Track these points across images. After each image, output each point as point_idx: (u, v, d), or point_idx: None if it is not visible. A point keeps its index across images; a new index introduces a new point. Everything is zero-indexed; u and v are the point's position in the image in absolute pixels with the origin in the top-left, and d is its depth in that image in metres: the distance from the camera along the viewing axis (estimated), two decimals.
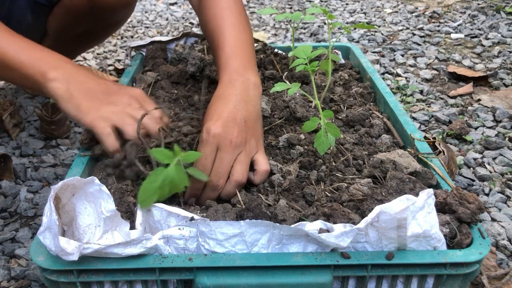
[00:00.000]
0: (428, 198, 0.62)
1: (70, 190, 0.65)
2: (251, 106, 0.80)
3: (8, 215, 1.04)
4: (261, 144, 0.81)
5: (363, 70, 1.20)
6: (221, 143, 0.74)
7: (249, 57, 0.89)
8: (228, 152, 0.74)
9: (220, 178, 0.74)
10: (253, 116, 0.80)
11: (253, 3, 2.66)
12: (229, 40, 0.90)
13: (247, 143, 0.76)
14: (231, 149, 0.74)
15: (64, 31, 1.30)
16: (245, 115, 0.77)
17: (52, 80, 0.79)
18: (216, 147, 0.74)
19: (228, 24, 0.93)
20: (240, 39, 0.91)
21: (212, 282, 0.61)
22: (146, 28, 2.31)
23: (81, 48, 1.52)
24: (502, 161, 1.17)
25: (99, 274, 0.62)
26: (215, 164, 0.74)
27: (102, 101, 0.80)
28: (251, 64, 0.88)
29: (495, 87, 1.55)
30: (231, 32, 0.91)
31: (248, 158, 0.76)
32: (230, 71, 0.85)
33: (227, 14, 0.94)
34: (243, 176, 0.74)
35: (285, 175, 0.78)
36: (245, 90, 0.82)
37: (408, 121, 0.93)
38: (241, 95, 0.80)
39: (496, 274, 0.82)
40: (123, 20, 1.40)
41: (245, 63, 0.87)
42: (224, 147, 0.74)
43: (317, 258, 0.62)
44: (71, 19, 1.24)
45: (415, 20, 2.23)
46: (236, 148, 0.74)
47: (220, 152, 0.74)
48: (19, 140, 1.30)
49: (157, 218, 0.65)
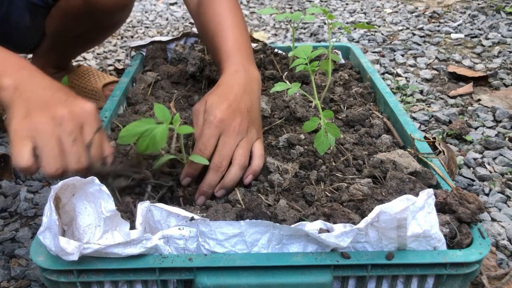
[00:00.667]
0: (428, 198, 0.62)
1: (70, 190, 0.65)
2: (253, 98, 0.84)
3: (8, 215, 1.04)
4: (260, 133, 0.84)
5: (363, 70, 1.20)
6: (225, 129, 0.77)
7: (250, 54, 0.94)
8: (231, 137, 0.77)
9: (223, 160, 0.76)
10: (255, 107, 0.84)
11: (253, 3, 2.66)
12: (231, 38, 0.93)
13: (249, 131, 0.80)
14: (234, 134, 0.77)
15: (62, 33, 1.30)
16: (248, 105, 0.81)
17: (3, 89, 0.68)
18: (220, 131, 0.77)
19: (229, 24, 0.96)
20: (241, 38, 0.95)
21: (212, 282, 0.61)
22: (146, 28, 2.31)
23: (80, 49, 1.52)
24: (502, 161, 1.17)
25: (99, 274, 0.62)
26: (219, 147, 0.77)
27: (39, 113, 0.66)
28: (252, 60, 0.93)
29: (495, 87, 1.55)
30: (233, 31, 0.95)
31: (249, 145, 0.80)
32: (236, 62, 0.88)
33: (228, 16, 0.97)
34: (245, 159, 0.78)
35: (282, 173, 0.79)
36: (249, 82, 0.85)
37: (408, 121, 0.93)
38: (245, 87, 0.84)
39: (496, 274, 0.82)
40: (120, 22, 1.40)
41: (248, 58, 0.92)
42: (228, 132, 0.77)
43: (317, 258, 0.62)
44: (68, 21, 1.25)
45: (415, 20, 2.23)
46: (238, 134, 0.78)
47: (224, 137, 0.77)
48: None
49: (157, 218, 0.65)
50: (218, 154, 0.77)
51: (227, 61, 0.89)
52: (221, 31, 0.95)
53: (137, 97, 1.10)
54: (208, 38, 1.00)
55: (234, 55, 0.90)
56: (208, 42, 1.01)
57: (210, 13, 0.99)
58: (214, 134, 0.77)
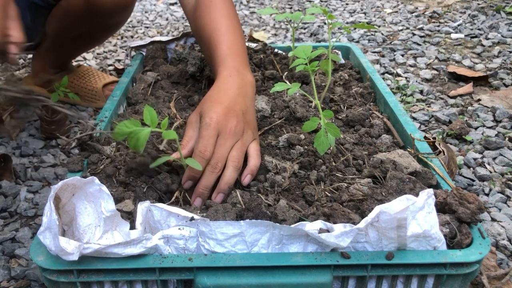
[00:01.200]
0: (428, 198, 0.62)
1: (70, 190, 0.65)
2: (248, 101, 0.86)
3: (8, 215, 1.04)
4: (256, 135, 0.85)
5: (363, 70, 1.20)
6: (222, 130, 0.78)
7: (245, 58, 0.95)
8: (227, 139, 0.78)
9: (218, 161, 0.77)
10: (249, 109, 0.85)
11: (253, 3, 2.66)
12: (227, 42, 0.95)
13: (244, 133, 0.81)
14: (230, 136, 0.78)
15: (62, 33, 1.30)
16: (243, 108, 0.83)
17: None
18: (217, 132, 0.78)
19: (225, 29, 0.97)
20: (236, 42, 0.96)
21: (212, 282, 0.61)
22: (146, 28, 2.31)
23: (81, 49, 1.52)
24: (502, 161, 1.17)
25: (99, 274, 0.62)
26: (215, 148, 0.78)
27: None
28: (247, 65, 0.94)
29: (495, 87, 1.55)
30: (228, 36, 0.96)
31: (244, 147, 0.80)
32: (230, 67, 0.90)
33: (224, 20, 0.99)
34: (239, 161, 0.78)
35: (280, 171, 0.79)
36: (243, 86, 0.87)
37: (408, 121, 0.93)
38: (239, 90, 0.85)
39: (496, 274, 0.82)
40: (121, 22, 1.40)
41: (243, 63, 0.93)
42: (224, 134, 0.78)
43: (317, 258, 0.62)
44: (69, 20, 1.25)
45: (415, 20, 2.23)
46: (234, 136, 0.79)
47: (220, 139, 0.78)
48: (19, 140, 1.30)
49: (157, 218, 0.65)
50: (214, 155, 0.77)
51: (221, 66, 0.90)
52: (216, 36, 0.96)
53: (137, 97, 1.10)
54: (204, 42, 1.01)
55: (228, 60, 0.91)
56: (203, 46, 1.02)
57: (206, 17, 0.99)
58: (212, 134, 0.77)
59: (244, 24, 2.33)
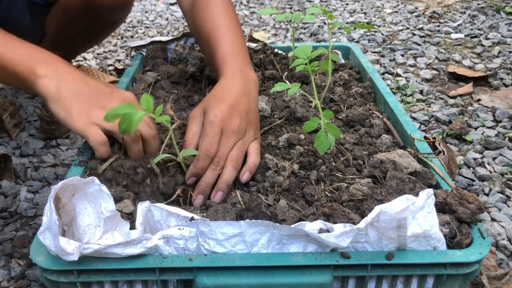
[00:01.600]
0: (428, 198, 0.62)
1: (70, 190, 0.65)
2: (251, 100, 0.86)
3: (8, 215, 1.04)
4: (258, 135, 0.86)
5: (363, 70, 1.20)
6: (225, 129, 0.79)
7: (247, 57, 0.95)
8: (229, 138, 0.79)
9: (220, 159, 0.78)
10: (252, 108, 0.85)
11: (253, 3, 2.66)
12: (227, 41, 0.94)
13: (246, 132, 0.82)
14: (232, 135, 0.79)
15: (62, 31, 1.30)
16: (246, 107, 0.83)
17: (42, 77, 0.76)
18: (221, 130, 0.79)
19: (224, 26, 0.96)
20: (237, 40, 0.95)
21: (212, 282, 0.61)
22: (146, 28, 2.31)
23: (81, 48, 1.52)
24: (502, 161, 1.18)
25: (99, 274, 0.62)
26: (218, 147, 0.78)
27: (93, 105, 0.77)
28: (249, 63, 0.94)
29: (495, 87, 1.55)
30: (228, 34, 0.95)
31: (244, 147, 0.81)
32: (233, 66, 0.89)
33: (223, 17, 0.98)
34: (237, 160, 0.79)
35: (280, 170, 0.79)
36: (247, 85, 0.87)
37: (408, 121, 0.93)
38: (243, 89, 0.85)
39: (496, 274, 0.82)
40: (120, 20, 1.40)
41: (245, 62, 0.92)
42: (227, 132, 0.79)
43: (317, 258, 0.62)
44: (68, 19, 1.25)
45: (415, 20, 2.23)
46: (236, 135, 0.79)
47: (223, 137, 0.79)
48: (19, 140, 1.30)
49: (157, 218, 0.65)
50: (216, 154, 0.78)
51: (224, 65, 0.90)
52: (216, 34, 0.95)
53: (137, 97, 1.10)
54: (203, 40, 1.00)
55: (230, 59, 0.91)
56: (203, 44, 1.01)
57: (205, 14, 0.99)
58: (217, 132, 0.78)
59: (244, 24, 2.33)
